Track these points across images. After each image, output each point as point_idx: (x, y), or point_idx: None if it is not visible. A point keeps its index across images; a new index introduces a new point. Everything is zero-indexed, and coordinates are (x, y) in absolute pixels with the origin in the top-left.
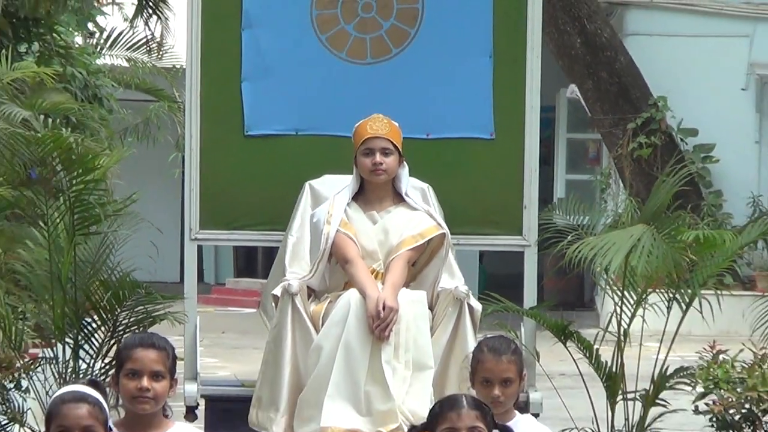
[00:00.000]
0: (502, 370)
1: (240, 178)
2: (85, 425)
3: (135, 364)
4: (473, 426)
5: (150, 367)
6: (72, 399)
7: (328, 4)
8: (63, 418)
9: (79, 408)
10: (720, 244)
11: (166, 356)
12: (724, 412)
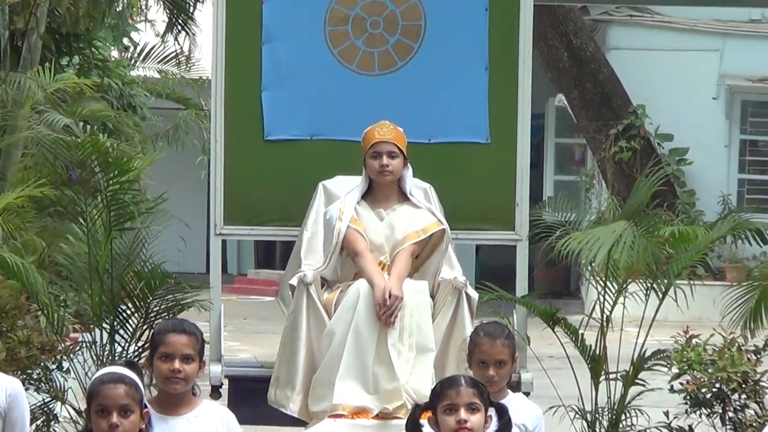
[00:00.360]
0: (496, 353)
1: (260, 178)
2: (122, 404)
3: (168, 348)
4: (471, 402)
5: (181, 351)
6: (110, 380)
7: (339, 21)
8: (102, 397)
9: (117, 388)
10: (693, 238)
11: (196, 341)
12: (697, 391)
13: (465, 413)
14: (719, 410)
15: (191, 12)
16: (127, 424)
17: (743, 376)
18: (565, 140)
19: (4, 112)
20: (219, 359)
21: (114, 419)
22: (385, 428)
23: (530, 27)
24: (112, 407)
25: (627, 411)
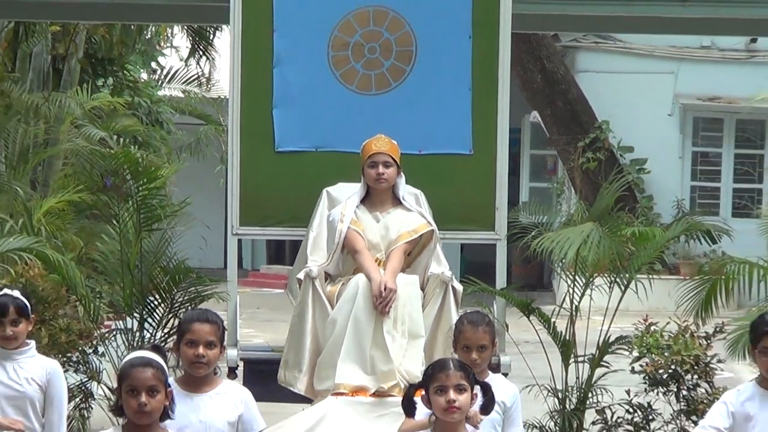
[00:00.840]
0: (478, 339)
1: (271, 185)
2: (150, 385)
3: (193, 335)
4: (458, 384)
5: (205, 338)
6: (140, 364)
7: (341, 47)
8: (132, 379)
9: (145, 372)
10: (651, 238)
11: (218, 329)
12: (655, 372)
13: (454, 394)
14: (674, 389)
15: (211, 39)
16: (153, 403)
17: (695, 359)
18: (538, 152)
19: (47, 126)
20: (235, 344)
21: (143, 399)
22: (381, 405)
23: (508, 52)
24: (141, 388)
25: (593, 389)
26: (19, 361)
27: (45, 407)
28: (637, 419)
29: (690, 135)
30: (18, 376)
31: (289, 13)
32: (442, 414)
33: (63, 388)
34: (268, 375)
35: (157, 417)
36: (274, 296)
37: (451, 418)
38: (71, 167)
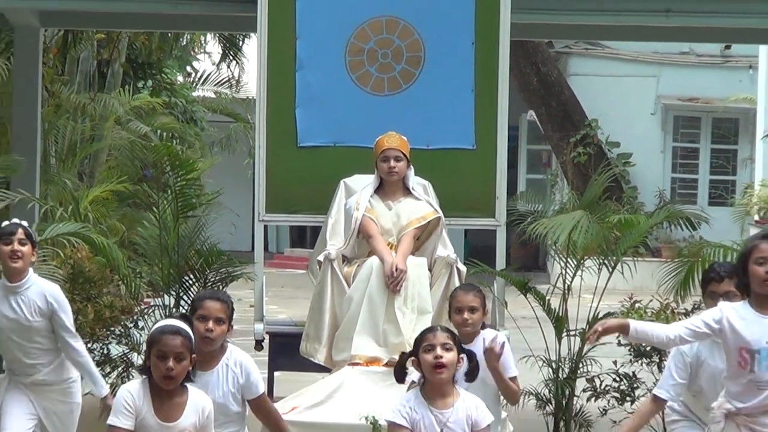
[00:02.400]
0: (469, 301)
1: (294, 177)
2: (177, 352)
3: (204, 311)
4: (445, 342)
5: (215, 314)
6: (170, 331)
7: (357, 53)
8: (162, 345)
9: (174, 339)
10: (636, 224)
11: (227, 307)
12: (639, 344)
13: (441, 351)
14: (656, 360)
15: (240, 45)
16: (179, 369)
17: None
18: (534, 147)
19: (93, 124)
20: (261, 319)
21: (170, 364)
22: (392, 374)
23: (507, 58)
24: (169, 354)
25: (583, 360)
26: (21, 295)
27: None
28: (623, 387)
29: (671, 132)
30: (23, 311)
31: (310, 23)
32: (430, 373)
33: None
34: (291, 347)
35: (180, 381)
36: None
37: (438, 377)
38: (114, 160)
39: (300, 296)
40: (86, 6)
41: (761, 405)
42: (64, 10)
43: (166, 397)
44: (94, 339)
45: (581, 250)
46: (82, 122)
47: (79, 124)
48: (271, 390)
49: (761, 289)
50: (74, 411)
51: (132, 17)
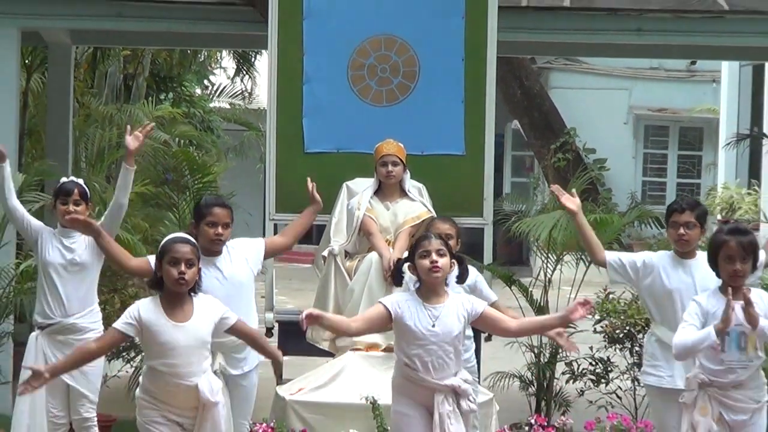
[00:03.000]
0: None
1: (301, 180)
2: (188, 258)
3: (214, 217)
4: (439, 249)
5: (223, 220)
6: (181, 240)
7: (358, 67)
8: (174, 252)
9: (185, 246)
10: (610, 223)
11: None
12: (613, 331)
13: (435, 256)
14: (628, 346)
15: (253, 61)
16: (190, 273)
17: (645, 321)
18: (518, 153)
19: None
20: (271, 308)
21: (182, 268)
22: (390, 358)
23: (494, 72)
24: (181, 260)
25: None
26: (73, 238)
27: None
28: (599, 370)
29: (642, 139)
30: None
31: (316, 41)
32: (426, 275)
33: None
34: (298, 334)
35: (190, 287)
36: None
37: (434, 277)
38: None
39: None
40: (113, 25)
41: (732, 381)
42: (93, 29)
43: (177, 305)
44: None
45: (560, 246)
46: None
47: (107, 132)
48: (280, 373)
49: (731, 282)
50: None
51: (155, 35)
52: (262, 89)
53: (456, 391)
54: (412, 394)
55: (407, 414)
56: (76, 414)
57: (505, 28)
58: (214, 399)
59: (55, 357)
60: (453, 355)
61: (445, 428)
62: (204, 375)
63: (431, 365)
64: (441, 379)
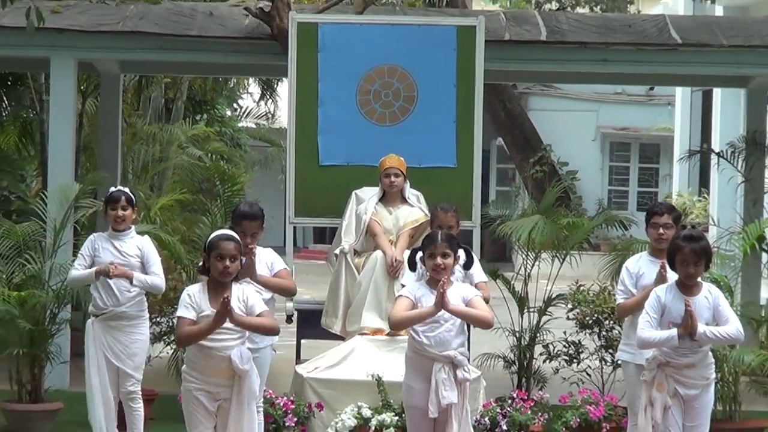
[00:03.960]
0: (448, 220)
1: (316, 188)
2: (232, 254)
3: (242, 228)
4: (444, 252)
5: (251, 231)
6: (226, 238)
7: (365, 93)
8: (220, 249)
9: (229, 244)
10: (581, 225)
11: (261, 222)
12: (583, 318)
13: (440, 259)
14: (597, 331)
15: (275, 87)
16: (233, 266)
17: (611, 310)
18: (502, 166)
19: (161, 148)
20: (291, 299)
21: (227, 263)
22: (393, 341)
23: (481, 96)
24: (226, 255)
25: (540, 331)
26: (124, 241)
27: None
28: (571, 352)
29: (608, 154)
30: (122, 252)
31: (329, 70)
32: (432, 272)
33: (152, 251)
34: (314, 320)
35: (233, 276)
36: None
37: (438, 276)
38: (177, 176)
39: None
40: (157, 57)
41: (685, 362)
42: (139, 60)
43: (220, 292)
44: (162, 314)
45: (538, 245)
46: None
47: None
48: (299, 353)
49: (686, 281)
50: (144, 342)
51: (192, 65)
52: (283, 111)
53: (453, 362)
54: (419, 366)
55: (413, 387)
56: (123, 388)
57: (491, 58)
58: (244, 367)
59: (107, 340)
60: (454, 332)
61: (440, 393)
62: (237, 347)
63: (434, 340)
64: (441, 351)
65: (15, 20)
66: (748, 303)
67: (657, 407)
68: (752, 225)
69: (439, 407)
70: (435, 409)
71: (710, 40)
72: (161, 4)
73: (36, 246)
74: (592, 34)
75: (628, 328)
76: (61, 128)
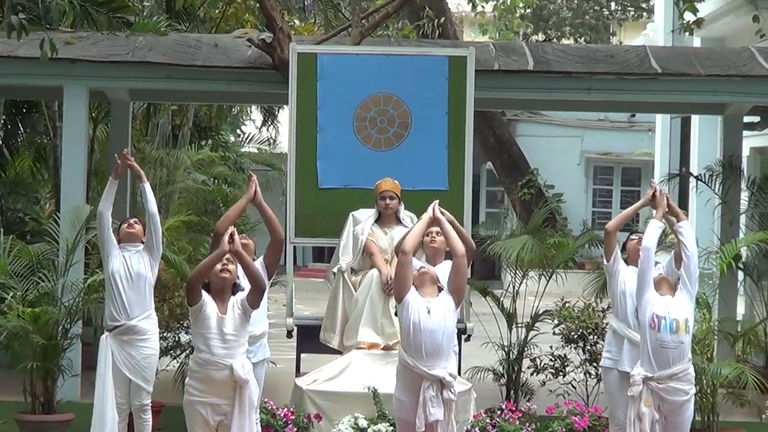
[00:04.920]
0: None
1: (315, 210)
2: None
3: None
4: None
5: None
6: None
7: (362, 119)
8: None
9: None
10: (566, 245)
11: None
12: (569, 333)
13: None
14: (582, 345)
15: (277, 114)
16: (231, 267)
17: (595, 325)
18: (492, 188)
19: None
20: (291, 315)
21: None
22: (388, 355)
23: (471, 123)
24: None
25: (528, 345)
26: (132, 252)
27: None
28: (557, 365)
29: (591, 177)
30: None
31: (327, 98)
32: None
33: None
34: (313, 335)
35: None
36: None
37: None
38: (184, 199)
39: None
40: (164, 85)
41: (668, 373)
42: (147, 89)
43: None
44: (168, 329)
45: (526, 264)
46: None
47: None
48: (298, 367)
49: None
50: (154, 356)
51: (197, 94)
52: (284, 137)
53: (441, 382)
54: (408, 381)
55: (402, 400)
56: (136, 400)
57: (481, 87)
58: (245, 376)
59: (120, 355)
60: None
61: (427, 409)
62: (238, 358)
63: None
64: (430, 368)
65: (30, 51)
66: (725, 319)
67: (645, 422)
68: (729, 245)
69: (426, 422)
70: (422, 423)
71: (689, 69)
72: (168, 36)
73: (49, 265)
74: (577, 64)
75: (611, 337)
76: (73, 153)
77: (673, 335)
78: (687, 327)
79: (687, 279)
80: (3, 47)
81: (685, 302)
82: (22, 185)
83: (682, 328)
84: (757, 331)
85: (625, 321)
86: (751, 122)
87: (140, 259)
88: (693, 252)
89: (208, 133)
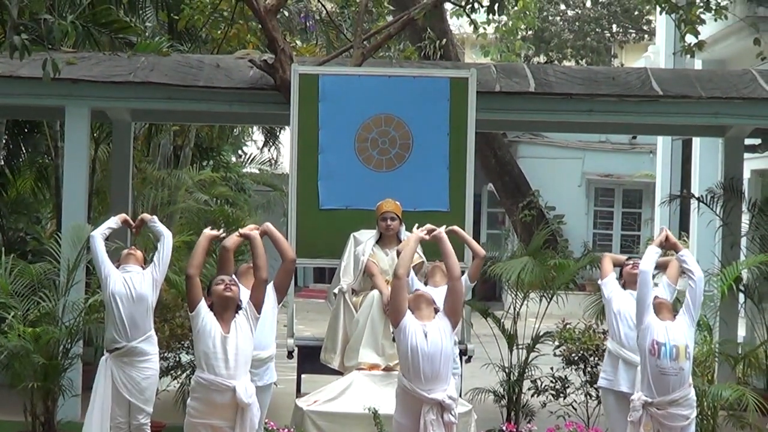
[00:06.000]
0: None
1: (317, 231)
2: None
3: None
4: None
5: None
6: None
7: (363, 140)
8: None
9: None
10: (567, 267)
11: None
12: (569, 355)
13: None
14: (582, 366)
15: (278, 135)
16: (233, 286)
17: (596, 347)
18: (493, 210)
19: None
20: (292, 335)
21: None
22: (388, 376)
23: (473, 144)
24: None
25: (528, 367)
26: (133, 274)
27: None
28: (558, 387)
29: (593, 199)
30: (134, 285)
31: (329, 119)
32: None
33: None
34: (314, 356)
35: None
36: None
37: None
38: (185, 219)
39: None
40: (165, 106)
41: (668, 399)
42: (149, 109)
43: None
44: (169, 349)
45: (527, 285)
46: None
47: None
48: (299, 387)
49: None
50: (154, 377)
51: (199, 114)
52: (285, 157)
53: (441, 405)
54: (408, 404)
55: (402, 423)
56: (135, 420)
57: (482, 108)
58: (247, 401)
59: (120, 376)
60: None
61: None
62: (241, 379)
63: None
64: (430, 392)
65: (32, 71)
66: (725, 341)
67: None
68: (730, 267)
69: None
70: None
71: (690, 92)
72: (170, 56)
73: (50, 284)
74: (578, 86)
75: (607, 358)
76: (74, 173)
77: (672, 362)
78: (687, 353)
79: (691, 303)
80: (5, 67)
81: (685, 327)
82: (23, 205)
83: (682, 355)
84: (757, 354)
85: (619, 342)
86: (752, 144)
87: (142, 281)
88: (699, 278)
89: (210, 154)
